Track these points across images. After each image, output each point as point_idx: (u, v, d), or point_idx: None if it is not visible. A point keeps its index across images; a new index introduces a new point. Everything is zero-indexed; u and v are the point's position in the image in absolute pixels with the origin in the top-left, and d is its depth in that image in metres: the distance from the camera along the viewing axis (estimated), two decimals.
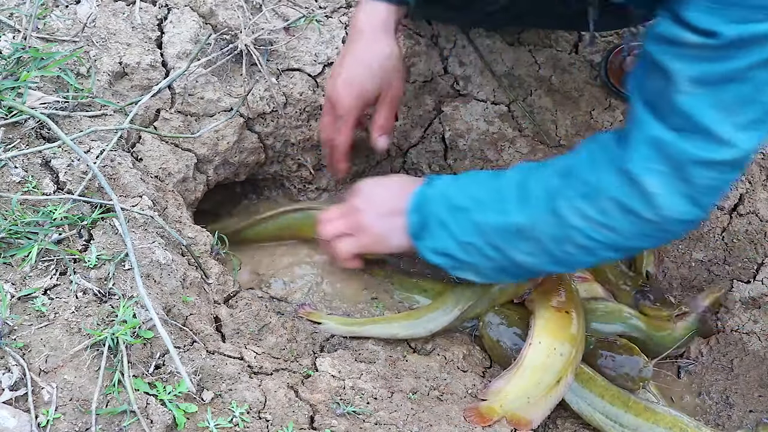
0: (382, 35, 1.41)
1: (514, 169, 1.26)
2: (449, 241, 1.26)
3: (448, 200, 1.26)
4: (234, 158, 1.60)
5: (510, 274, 1.32)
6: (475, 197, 1.24)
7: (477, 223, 1.23)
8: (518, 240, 1.20)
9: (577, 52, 1.84)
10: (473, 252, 1.25)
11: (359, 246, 1.39)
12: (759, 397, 1.51)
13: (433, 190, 1.30)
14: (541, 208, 1.18)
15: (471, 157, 1.76)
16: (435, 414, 1.23)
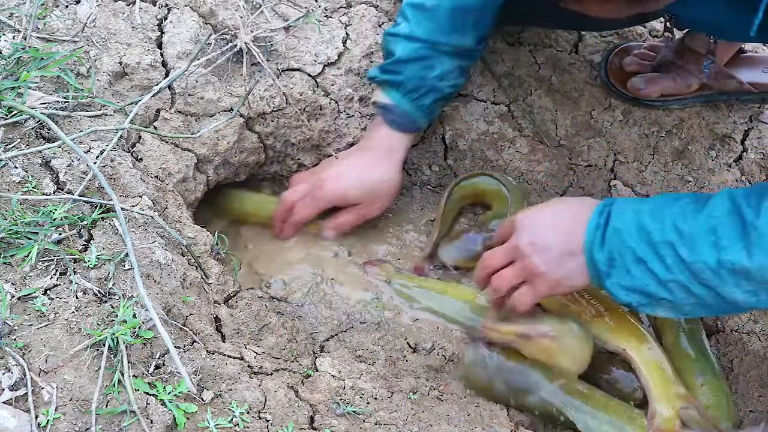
0: (386, 161, 1.56)
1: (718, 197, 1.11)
2: (648, 279, 1.13)
3: (646, 234, 1.12)
4: (234, 158, 1.60)
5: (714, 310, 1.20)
6: (680, 230, 1.10)
7: (686, 261, 1.09)
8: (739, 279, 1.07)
9: (577, 52, 1.84)
10: (676, 289, 1.12)
11: (537, 296, 1.27)
12: (759, 397, 1.51)
13: (622, 222, 1.15)
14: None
15: (471, 157, 1.76)
16: (435, 414, 1.23)
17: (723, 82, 1.71)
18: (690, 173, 1.72)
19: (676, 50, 1.72)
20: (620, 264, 1.14)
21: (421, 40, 1.50)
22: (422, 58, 1.51)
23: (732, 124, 1.76)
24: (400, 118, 1.56)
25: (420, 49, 1.50)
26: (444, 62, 1.52)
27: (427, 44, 1.50)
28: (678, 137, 1.75)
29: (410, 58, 1.51)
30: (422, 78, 1.52)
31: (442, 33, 1.50)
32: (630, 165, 1.74)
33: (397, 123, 1.56)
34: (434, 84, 1.53)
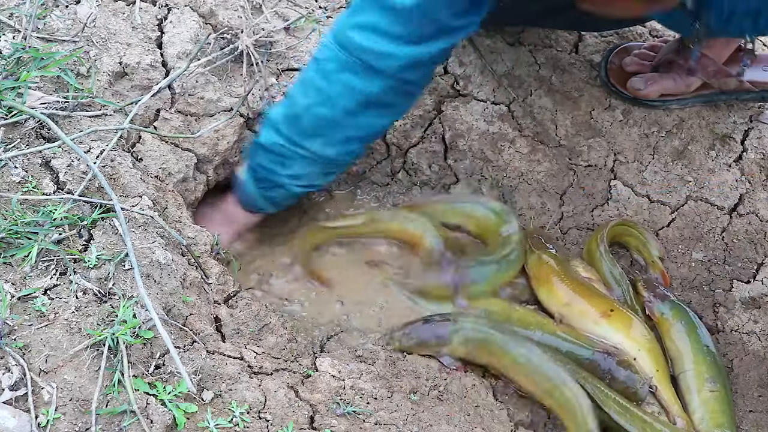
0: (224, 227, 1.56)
1: None
2: None
3: None
4: (234, 158, 1.60)
5: None
6: None
7: None
8: None
9: (577, 52, 1.84)
10: None
11: None
12: (759, 397, 1.51)
13: None
14: None
15: (471, 157, 1.76)
16: (435, 414, 1.23)
17: (723, 81, 1.71)
18: (690, 173, 1.72)
19: (676, 50, 1.72)
20: None
21: (283, 136, 1.45)
22: (279, 154, 1.46)
23: (732, 124, 1.76)
24: (245, 197, 1.55)
25: (277, 145, 1.45)
26: (301, 164, 1.48)
27: (287, 142, 1.45)
28: (678, 137, 1.75)
29: (268, 148, 1.47)
30: (273, 172, 1.48)
31: (304, 136, 1.44)
32: (630, 165, 1.74)
33: (242, 200, 1.56)
34: (284, 182, 1.50)
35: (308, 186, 1.54)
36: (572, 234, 1.72)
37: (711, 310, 1.62)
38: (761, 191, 1.69)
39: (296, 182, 1.50)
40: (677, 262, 1.67)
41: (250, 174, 1.52)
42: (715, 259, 1.66)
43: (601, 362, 1.43)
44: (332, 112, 1.40)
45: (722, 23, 1.41)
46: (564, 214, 1.73)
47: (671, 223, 1.70)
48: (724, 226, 1.67)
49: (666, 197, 1.71)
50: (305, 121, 1.43)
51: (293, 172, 1.48)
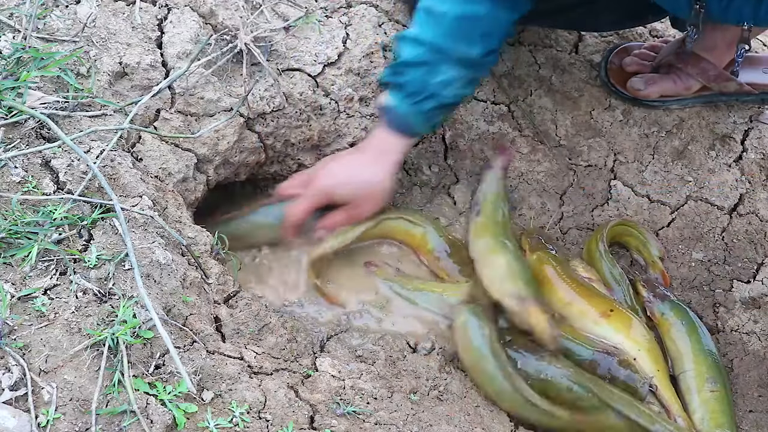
0: (379, 163, 1.55)
1: None
2: None
3: None
4: (234, 158, 1.60)
5: None
6: None
7: None
8: None
9: (577, 52, 1.84)
10: None
11: None
12: (759, 397, 1.51)
13: None
14: None
15: (471, 157, 1.76)
16: (435, 414, 1.23)
17: (723, 84, 1.71)
18: (690, 173, 1.72)
19: (676, 53, 1.72)
20: None
21: (426, 44, 1.48)
22: (426, 63, 1.49)
23: (732, 124, 1.76)
24: (398, 120, 1.54)
25: (425, 54, 1.49)
26: (448, 69, 1.50)
27: (433, 49, 1.48)
28: (678, 137, 1.75)
29: (414, 61, 1.50)
30: (424, 82, 1.50)
31: (448, 39, 1.48)
32: (630, 165, 1.74)
33: (395, 125, 1.55)
34: (436, 90, 1.51)
35: (457, 95, 1.54)
36: (572, 234, 1.72)
37: (711, 310, 1.62)
38: (761, 191, 1.69)
39: (449, 90, 1.51)
40: (677, 262, 1.67)
41: (398, 94, 1.53)
42: (715, 259, 1.66)
43: (601, 362, 1.43)
44: (471, 8, 1.45)
45: (722, 9, 1.41)
46: (564, 214, 1.73)
47: (671, 223, 1.70)
48: (724, 226, 1.67)
49: (666, 197, 1.71)
50: (447, 25, 1.47)
51: (443, 78, 1.50)
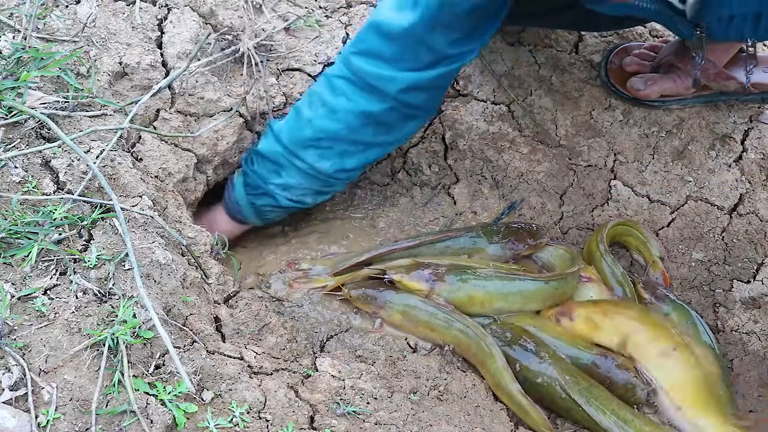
0: None
1: None
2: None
3: None
4: (234, 158, 1.60)
5: None
6: None
7: None
8: None
9: (577, 52, 1.84)
10: None
11: None
12: (759, 397, 1.51)
13: None
14: None
15: (471, 157, 1.76)
16: (435, 414, 1.23)
17: (723, 84, 1.71)
18: (690, 173, 1.72)
19: (676, 52, 1.72)
20: None
21: (281, 144, 1.48)
22: (274, 162, 1.49)
23: (732, 124, 1.76)
24: (232, 204, 1.57)
25: (275, 153, 1.49)
26: (293, 175, 1.50)
27: (285, 151, 1.48)
28: (678, 137, 1.75)
29: (265, 155, 1.50)
30: (264, 179, 1.51)
31: (301, 147, 1.47)
32: (630, 165, 1.74)
33: (228, 207, 1.58)
34: (272, 190, 1.51)
35: (297, 201, 1.55)
36: (572, 234, 1.72)
37: (711, 310, 1.62)
38: (761, 191, 1.69)
39: (286, 194, 1.52)
40: (677, 262, 1.67)
41: (241, 179, 1.54)
42: (715, 259, 1.66)
43: (600, 365, 1.43)
44: (334, 125, 1.44)
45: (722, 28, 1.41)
46: (564, 214, 1.73)
47: (671, 223, 1.70)
48: (724, 226, 1.67)
49: (666, 197, 1.71)
50: (307, 132, 1.46)
51: (285, 181, 1.51)
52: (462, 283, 1.47)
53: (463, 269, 1.49)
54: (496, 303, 1.48)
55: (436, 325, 1.43)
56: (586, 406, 1.35)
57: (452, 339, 1.42)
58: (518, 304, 1.49)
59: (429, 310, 1.43)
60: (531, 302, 1.50)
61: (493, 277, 1.49)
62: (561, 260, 1.61)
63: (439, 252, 1.58)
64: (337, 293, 1.50)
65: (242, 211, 1.57)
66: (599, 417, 1.35)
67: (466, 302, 1.47)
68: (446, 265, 1.50)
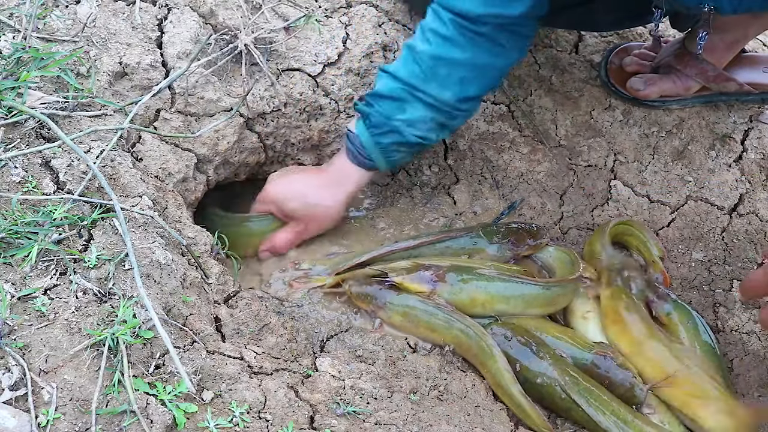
0: (334, 188, 1.57)
1: None
2: None
3: None
4: (234, 158, 1.60)
5: None
6: None
7: None
8: None
9: (577, 52, 1.84)
10: None
11: None
12: (759, 397, 1.51)
13: None
14: None
15: (471, 157, 1.76)
16: (435, 414, 1.23)
17: (723, 85, 1.71)
18: (690, 173, 1.72)
19: (675, 54, 1.72)
20: None
21: (399, 81, 1.47)
22: (395, 98, 1.48)
23: (732, 124, 1.76)
24: (357, 149, 1.53)
25: (396, 89, 1.47)
26: (416, 109, 1.48)
27: (405, 86, 1.47)
28: (678, 137, 1.75)
29: (385, 94, 1.48)
30: (388, 116, 1.48)
31: (421, 79, 1.46)
32: (630, 165, 1.74)
33: (353, 154, 1.54)
34: (398, 126, 1.49)
35: (422, 137, 1.51)
36: (572, 234, 1.72)
37: (711, 310, 1.62)
38: (761, 191, 1.69)
39: (411, 129, 1.49)
40: (677, 262, 1.67)
41: (363, 123, 1.51)
42: (715, 259, 1.66)
43: (600, 364, 1.43)
44: (450, 51, 1.42)
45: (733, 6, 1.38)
46: (564, 214, 1.73)
47: (671, 223, 1.70)
48: (724, 226, 1.67)
49: (666, 197, 1.71)
50: (424, 64, 1.44)
51: (409, 116, 1.48)
52: (463, 285, 1.47)
53: (465, 271, 1.49)
54: (497, 305, 1.48)
55: (437, 326, 1.43)
56: (585, 406, 1.35)
57: (452, 339, 1.42)
58: (519, 307, 1.49)
59: (429, 311, 1.43)
60: (532, 306, 1.50)
61: (495, 278, 1.49)
62: (560, 262, 1.61)
63: (439, 252, 1.58)
64: (338, 291, 1.50)
65: (370, 155, 1.53)
66: (599, 417, 1.35)
67: (467, 304, 1.47)
68: (447, 266, 1.50)
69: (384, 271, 1.49)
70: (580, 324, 1.53)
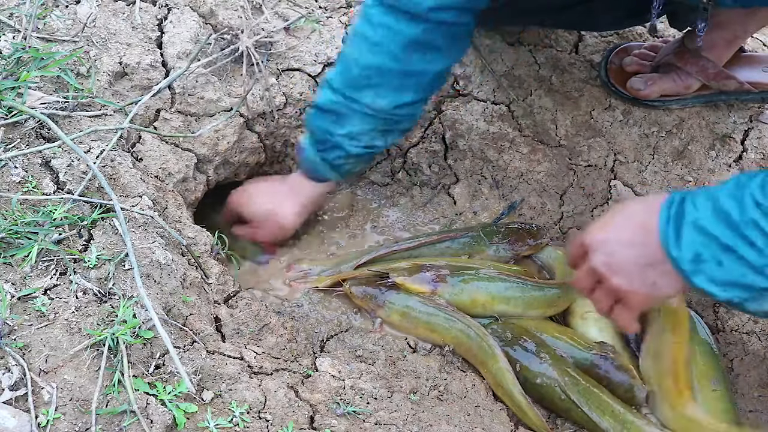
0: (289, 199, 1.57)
1: None
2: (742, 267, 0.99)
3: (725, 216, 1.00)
4: (234, 158, 1.60)
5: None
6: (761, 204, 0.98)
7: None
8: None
9: (577, 52, 1.84)
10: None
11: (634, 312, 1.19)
12: (759, 397, 1.51)
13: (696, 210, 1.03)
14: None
15: (471, 157, 1.76)
16: (435, 414, 1.23)
17: (723, 83, 1.71)
18: (690, 173, 1.72)
19: (675, 52, 1.72)
20: (708, 257, 1.01)
21: (337, 92, 1.43)
22: (334, 112, 1.44)
23: (732, 124, 1.76)
24: (306, 165, 1.53)
25: (333, 103, 1.43)
26: (356, 122, 1.44)
27: (342, 97, 1.42)
28: (678, 137, 1.75)
29: (323, 107, 1.45)
30: (329, 132, 1.45)
31: (355, 89, 1.41)
32: (630, 165, 1.74)
33: (304, 169, 1.54)
34: (340, 142, 1.46)
35: (367, 147, 1.48)
36: (572, 234, 1.72)
37: (711, 310, 1.62)
38: None
39: (354, 142, 1.46)
40: None
41: (308, 138, 1.50)
42: None
43: (599, 365, 1.43)
44: (380, 59, 1.37)
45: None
46: (564, 214, 1.73)
47: None
48: None
49: None
50: (355, 73, 1.39)
51: (349, 130, 1.44)
52: (464, 285, 1.47)
53: (465, 271, 1.49)
54: (498, 306, 1.48)
55: (437, 326, 1.43)
56: (585, 407, 1.35)
57: (453, 339, 1.42)
58: (520, 308, 1.49)
59: (429, 311, 1.43)
60: (533, 308, 1.50)
61: (496, 279, 1.49)
62: (560, 263, 1.61)
63: (439, 252, 1.58)
64: (337, 290, 1.50)
65: (319, 170, 1.52)
66: (598, 418, 1.35)
67: (468, 304, 1.47)
68: (448, 266, 1.50)
69: (385, 271, 1.49)
70: (580, 324, 1.53)
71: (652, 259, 1.08)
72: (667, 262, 1.05)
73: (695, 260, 1.02)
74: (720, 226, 0.98)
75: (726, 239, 0.98)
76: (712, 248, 1.00)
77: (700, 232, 1.01)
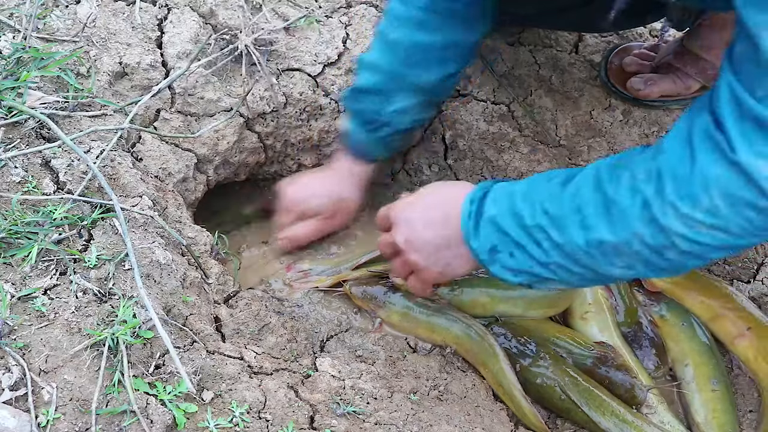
0: (349, 180, 1.58)
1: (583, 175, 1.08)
2: (530, 261, 1.11)
3: (519, 219, 1.10)
4: (234, 158, 1.60)
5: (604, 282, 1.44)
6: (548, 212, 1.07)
7: (559, 243, 1.06)
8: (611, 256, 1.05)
9: (577, 52, 1.84)
10: (558, 270, 1.09)
11: (427, 285, 1.32)
12: (759, 397, 1.51)
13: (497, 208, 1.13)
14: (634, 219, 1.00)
15: (471, 157, 1.76)
16: (435, 414, 1.23)
17: None
18: None
19: (675, 53, 1.72)
20: (503, 249, 1.13)
21: (382, 72, 1.44)
22: (381, 91, 1.46)
23: None
24: (357, 147, 1.54)
25: (380, 81, 1.45)
26: (404, 97, 1.46)
27: (388, 76, 1.44)
28: None
29: (369, 88, 1.46)
30: (378, 111, 1.47)
31: (404, 66, 1.43)
32: None
33: (353, 151, 1.55)
34: (390, 119, 1.48)
35: (414, 120, 1.51)
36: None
37: None
38: None
39: (402, 117, 1.49)
40: None
41: (355, 120, 1.51)
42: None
43: (599, 365, 1.43)
44: (422, 37, 1.39)
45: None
46: None
47: None
48: None
49: None
50: (401, 53, 1.42)
51: (398, 106, 1.47)
52: (465, 286, 1.47)
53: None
54: (498, 306, 1.48)
55: (437, 326, 1.43)
56: (585, 407, 1.35)
57: (453, 339, 1.42)
58: (520, 308, 1.49)
59: (429, 311, 1.43)
60: (533, 308, 1.50)
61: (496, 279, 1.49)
62: None
63: None
64: (337, 290, 1.50)
65: (370, 150, 1.54)
66: (598, 418, 1.35)
67: (468, 305, 1.47)
68: None
69: (385, 272, 1.49)
70: (580, 324, 1.53)
71: (449, 243, 1.20)
72: (463, 247, 1.17)
73: (491, 251, 1.13)
74: (513, 226, 1.10)
75: (518, 238, 1.10)
76: (506, 243, 1.12)
77: (496, 229, 1.12)
